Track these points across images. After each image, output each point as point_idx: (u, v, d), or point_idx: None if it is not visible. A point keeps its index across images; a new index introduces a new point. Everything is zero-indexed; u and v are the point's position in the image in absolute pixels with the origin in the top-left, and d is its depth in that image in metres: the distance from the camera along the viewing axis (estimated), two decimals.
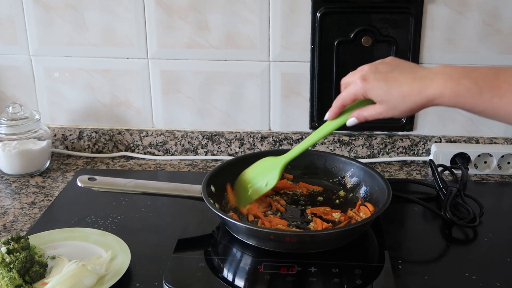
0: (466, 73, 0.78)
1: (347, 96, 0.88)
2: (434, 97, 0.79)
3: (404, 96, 0.81)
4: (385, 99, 0.83)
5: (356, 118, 0.90)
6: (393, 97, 0.83)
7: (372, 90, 0.84)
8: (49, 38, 1.35)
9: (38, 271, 0.90)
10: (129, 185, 1.03)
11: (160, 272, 0.92)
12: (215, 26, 1.30)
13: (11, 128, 1.28)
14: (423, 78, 0.80)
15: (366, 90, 0.85)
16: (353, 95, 0.87)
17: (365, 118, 0.88)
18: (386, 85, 0.83)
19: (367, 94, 0.85)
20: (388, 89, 0.83)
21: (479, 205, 1.12)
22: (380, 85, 0.83)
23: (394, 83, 0.82)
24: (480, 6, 1.24)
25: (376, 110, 0.86)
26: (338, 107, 0.91)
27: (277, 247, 0.94)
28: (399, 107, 0.83)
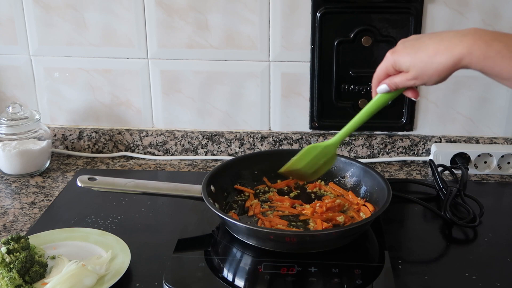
0: (497, 36, 0.76)
1: (379, 71, 0.88)
2: (462, 56, 0.77)
3: (430, 57, 0.79)
4: (413, 63, 0.82)
5: (387, 85, 0.88)
6: (419, 60, 0.81)
7: (400, 58, 0.83)
8: (49, 38, 1.35)
9: (38, 271, 0.90)
10: (129, 185, 1.03)
11: (160, 272, 0.92)
12: (215, 26, 1.30)
13: (11, 128, 1.28)
14: (451, 38, 0.78)
15: (394, 60, 0.84)
16: (384, 68, 0.87)
17: (396, 84, 0.86)
18: (413, 50, 0.82)
19: (396, 63, 0.84)
20: (415, 53, 0.81)
21: (479, 205, 1.12)
22: (407, 51, 0.83)
23: (421, 46, 0.81)
24: (480, 6, 1.24)
25: (406, 76, 0.84)
26: (375, 84, 0.90)
27: (277, 247, 0.94)
28: (426, 70, 0.81)
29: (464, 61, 0.77)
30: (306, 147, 1.02)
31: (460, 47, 0.76)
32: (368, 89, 1.31)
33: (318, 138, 1.36)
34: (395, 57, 0.84)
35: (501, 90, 1.30)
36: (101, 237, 1.01)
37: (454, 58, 0.77)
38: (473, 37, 0.76)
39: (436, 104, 1.33)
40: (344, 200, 1.08)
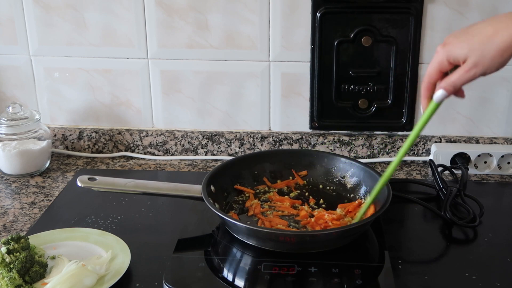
0: None
1: (431, 69, 0.81)
2: None
3: (490, 37, 0.74)
4: (470, 48, 0.76)
5: (444, 89, 0.79)
6: (478, 43, 0.75)
7: (454, 48, 0.77)
8: (49, 38, 1.35)
9: (38, 271, 0.90)
10: (129, 185, 1.03)
11: (160, 272, 0.92)
12: (215, 26, 1.30)
13: (11, 128, 1.28)
14: (507, 18, 0.74)
15: (448, 52, 0.78)
16: (437, 65, 0.80)
17: (454, 84, 0.79)
18: (467, 37, 0.76)
19: (450, 55, 0.78)
20: (471, 38, 0.75)
21: (479, 205, 1.12)
22: (461, 39, 0.77)
23: (476, 30, 0.76)
24: (480, 6, 1.24)
25: (464, 69, 0.77)
26: (426, 88, 0.83)
27: (277, 247, 0.94)
28: (487, 52, 0.74)
29: None
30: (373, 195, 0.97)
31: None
32: (368, 88, 1.31)
33: (318, 138, 1.36)
34: (448, 48, 0.78)
35: (501, 90, 1.30)
36: (101, 237, 1.01)
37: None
38: None
39: None
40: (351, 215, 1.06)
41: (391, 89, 1.31)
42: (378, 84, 1.31)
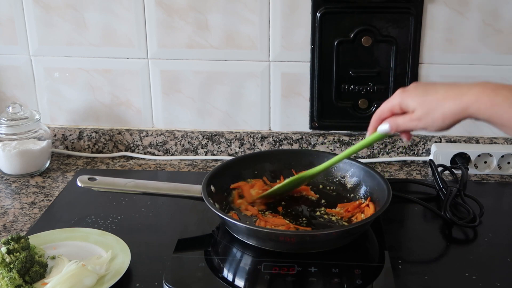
0: (504, 86, 0.76)
1: (384, 107, 0.88)
2: (470, 103, 0.77)
3: (438, 101, 0.80)
4: (420, 103, 0.82)
5: (390, 125, 0.87)
6: (427, 102, 0.81)
7: (408, 98, 0.84)
8: (49, 38, 1.35)
9: (38, 271, 0.90)
10: (129, 185, 1.03)
11: (160, 272, 0.92)
12: (215, 26, 1.30)
13: (11, 128, 1.28)
14: (461, 87, 0.79)
15: (403, 98, 0.84)
16: (391, 106, 0.86)
17: (398, 125, 0.86)
18: (423, 92, 0.82)
19: (403, 102, 0.84)
20: (424, 95, 0.82)
21: (479, 205, 1.12)
22: (417, 92, 0.83)
23: (432, 90, 0.82)
24: (480, 6, 1.24)
25: (409, 117, 0.84)
26: (375, 121, 0.90)
27: (277, 247, 0.94)
28: (432, 112, 0.81)
29: (471, 109, 0.77)
30: (291, 179, 1.07)
31: (469, 94, 0.77)
32: (368, 88, 1.31)
33: (318, 138, 1.36)
34: (404, 96, 0.84)
35: None
36: (101, 237, 1.01)
37: (462, 104, 0.78)
38: (482, 86, 0.77)
39: None
40: None
41: (391, 89, 1.31)
42: (378, 84, 1.31)
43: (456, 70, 1.29)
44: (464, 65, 1.29)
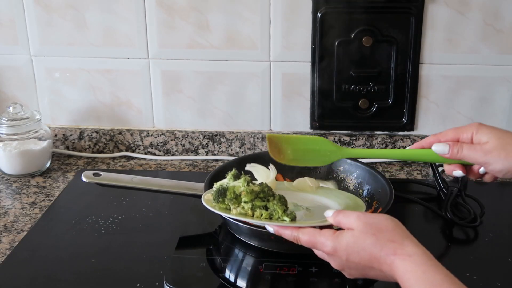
0: None
1: (451, 130, 0.87)
2: None
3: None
4: (497, 137, 0.83)
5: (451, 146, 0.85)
6: (506, 137, 0.82)
7: (486, 129, 0.85)
8: (50, 38, 1.35)
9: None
10: (134, 181, 1.03)
11: (161, 272, 0.92)
12: (216, 26, 1.30)
13: (12, 128, 1.28)
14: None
15: (480, 127, 0.85)
16: (460, 131, 0.86)
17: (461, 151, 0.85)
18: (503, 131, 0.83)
19: (479, 131, 0.85)
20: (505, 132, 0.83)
21: (479, 205, 1.12)
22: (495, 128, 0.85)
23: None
24: (481, 6, 1.24)
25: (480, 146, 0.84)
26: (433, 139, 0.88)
27: (278, 247, 0.94)
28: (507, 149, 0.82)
29: None
30: (318, 137, 0.97)
31: None
32: (369, 88, 1.31)
33: None
34: (482, 125, 0.84)
35: (502, 90, 1.30)
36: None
37: None
38: None
39: (436, 104, 1.33)
40: None
41: (391, 89, 1.31)
42: (378, 84, 1.31)
43: (456, 70, 1.30)
44: (465, 65, 1.29)
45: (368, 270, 0.75)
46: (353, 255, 0.74)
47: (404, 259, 0.70)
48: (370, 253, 0.73)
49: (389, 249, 0.71)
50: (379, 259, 0.72)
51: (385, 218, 0.76)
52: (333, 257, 0.77)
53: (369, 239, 0.73)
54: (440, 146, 0.86)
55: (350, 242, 0.74)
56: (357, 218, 0.76)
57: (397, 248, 0.71)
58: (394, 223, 0.75)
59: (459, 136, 0.86)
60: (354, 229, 0.75)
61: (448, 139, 0.86)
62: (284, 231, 0.82)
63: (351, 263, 0.75)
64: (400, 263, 0.70)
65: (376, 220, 0.75)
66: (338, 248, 0.75)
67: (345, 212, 0.79)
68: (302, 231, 0.80)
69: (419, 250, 0.71)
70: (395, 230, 0.74)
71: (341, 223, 0.78)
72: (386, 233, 0.73)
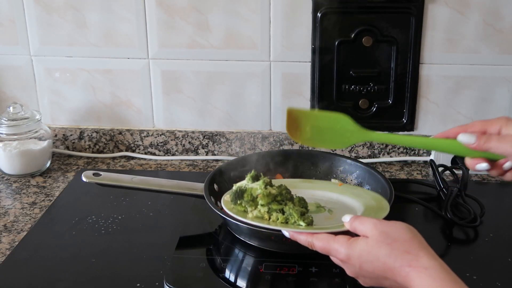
0: None
1: (478, 122, 0.82)
2: None
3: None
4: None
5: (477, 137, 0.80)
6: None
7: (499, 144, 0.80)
8: (50, 38, 1.35)
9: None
10: (134, 181, 1.03)
11: (161, 272, 0.92)
12: (216, 26, 1.30)
13: (12, 128, 1.28)
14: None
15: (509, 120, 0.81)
16: (488, 123, 0.81)
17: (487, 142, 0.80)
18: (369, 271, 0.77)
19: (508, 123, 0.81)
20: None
21: (480, 205, 1.12)
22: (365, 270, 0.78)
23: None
24: (481, 6, 1.24)
25: (507, 138, 0.79)
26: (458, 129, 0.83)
27: (278, 247, 0.94)
28: None
29: None
30: (340, 114, 0.91)
31: None
32: (369, 88, 1.31)
33: None
34: (510, 121, 0.80)
35: (502, 90, 1.30)
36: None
37: None
38: None
39: (437, 104, 1.33)
40: None
41: (391, 89, 1.31)
42: (378, 84, 1.31)
43: (457, 70, 1.30)
44: (465, 65, 1.29)
45: (382, 280, 0.74)
46: (366, 264, 0.74)
47: (419, 271, 0.69)
48: (384, 263, 0.72)
49: (403, 261, 0.70)
50: (393, 270, 0.71)
51: (402, 228, 0.74)
52: (346, 265, 0.77)
53: (383, 249, 0.72)
54: (467, 136, 0.81)
55: (364, 250, 0.74)
56: (373, 226, 0.75)
57: (412, 260, 0.70)
58: (411, 233, 0.74)
59: (486, 128, 0.82)
60: (369, 237, 0.74)
61: (475, 130, 0.82)
62: (299, 237, 0.82)
63: (365, 271, 0.74)
64: (416, 275, 0.69)
65: (393, 229, 0.74)
66: (352, 255, 0.75)
67: (362, 218, 0.78)
68: (316, 237, 0.80)
69: (436, 263, 0.69)
70: (411, 240, 0.73)
71: (357, 229, 0.77)
72: (402, 244, 0.72)
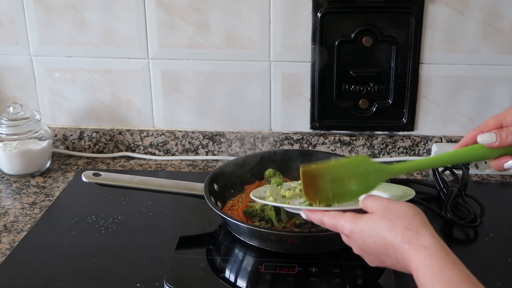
0: None
1: (490, 119, 0.79)
2: None
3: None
4: None
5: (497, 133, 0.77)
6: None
7: None
8: (50, 38, 1.35)
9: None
10: (134, 181, 1.03)
11: (161, 272, 0.92)
12: (216, 26, 1.30)
13: (12, 128, 1.28)
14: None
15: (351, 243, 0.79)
16: (501, 117, 0.78)
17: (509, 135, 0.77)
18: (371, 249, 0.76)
19: None
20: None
21: (480, 205, 1.12)
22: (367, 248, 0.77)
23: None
24: (481, 6, 1.24)
25: None
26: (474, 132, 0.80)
27: (278, 247, 0.94)
28: None
29: None
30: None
31: None
32: (369, 88, 1.31)
33: (318, 138, 1.36)
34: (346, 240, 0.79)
35: (502, 90, 1.30)
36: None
37: None
38: None
39: (436, 104, 1.33)
40: None
41: (391, 89, 1.31)
42: (378, 84, 1.31)
43: (456, 70, 1.30)
44: (465, 65, 1.29)
45: (384, 257, 0.73)
46: (367, 238, 0.74)
47: (418, 250, 0.68)
48: (384, 239, 0.71)
49: (403, 237, 0.70)
50: (393, 246, 0.70)
51: (406, 205, 0.74)
52: (351, 240, 0.77)
53: (385, 224, 0.72)
54: (486, 136, 0.77)
55: (366, 225, 0.74)
56: (381, 203, 0.75)
57: (412, 237, 0.69)
58: (414, 211, 0.73)
59: (502, 122, 0.78)
60: (374, 213, 0.74)
61: (491, 128, 0.78)
62: (312, 216, 0.82)
63: (367, 247, 0.75)
64: (415, 254, 0.68)
65: (397, 207, 0.73)
66: (355, 230, 0.75)
67: (374, 196, 0.77)
68: (326, 214, 0.80)
69: (436, 242, 0.68)
70: (413, 217, 0.72)
71: (367, 206, 0.77)
72: (403, 220, 0.71)
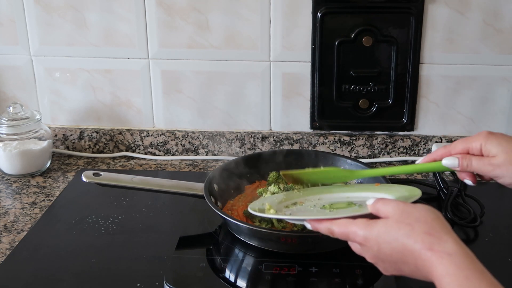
0: None
1: (459, 143, 0.84)
2: None
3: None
4: (506, 151, 0.80)
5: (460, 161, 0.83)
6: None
7: (495, 140, 0.81)
8: (50, 38, 1.35)
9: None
10: (134, 181, 1.03)
11: (161, 272, 0.92)
12: (216, 26, 1.30)
13: (12, 128, 1.28)
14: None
15: (488, 139, 0.81)
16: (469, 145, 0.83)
17: (470, 165, 0.82)
18: None
19: (487, 144, 0.81)
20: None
21: (480, 205, 1.12)
22: (507, 138, 0.81)
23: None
24: (481, 6, 1.24)
25: (489, 160, 0.80)
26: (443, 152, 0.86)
27: (278, 247, 0.94)
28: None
29: None
30: (329, 168, 1.06)
31: None
32: (369, 88, 1.31)
33: (318, 138, 1.36)
34: (491, 137, 0.80)
35: (502, 90, 1.30)
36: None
37: None
38: None
39: (436, 104, 1.33)
40: None
41: (391, 89, 1.31)
42: (378, 84, 1.31)
43: (456, 70, 1.30)
44: (465, 65, 1.29)
45: (401, 264, 0.69)
46: (384, 245, 0.69)
47: (442, 257, 0.64)
48: (403, 245, 0.67)
49: (424, 243, 0.65)
50: (413, 253, 0.66)
51: (425, 209, 0.70)
52: (365, 248, 0.72)
53: (403, 229, 0.67)
54: (450, 160, 0.84)
55: (382, 231, 0.69)
56: (396, 206, 0.70)
57: (434, 243, 0.65)
58: (434, 214, 0.69)
59: (469, 147, 0.83)
60: (390, 218, 0.69)
61: (458, 151, 0.84)
62: (319, 226, 0.76)
63: (383, 254, 0.69)
64: (438, 261, 0.64)
65: (414, 210, 0.69)
66: (370, 237, 0.70)
67: (385, 200, 0.73)
68: (335, 222, 0.74)
69: (461, 249, 0.64)
70: (434, 221, 0.68)
71: (379, 211, 0.72)
72: (424, 224, 0.67)
